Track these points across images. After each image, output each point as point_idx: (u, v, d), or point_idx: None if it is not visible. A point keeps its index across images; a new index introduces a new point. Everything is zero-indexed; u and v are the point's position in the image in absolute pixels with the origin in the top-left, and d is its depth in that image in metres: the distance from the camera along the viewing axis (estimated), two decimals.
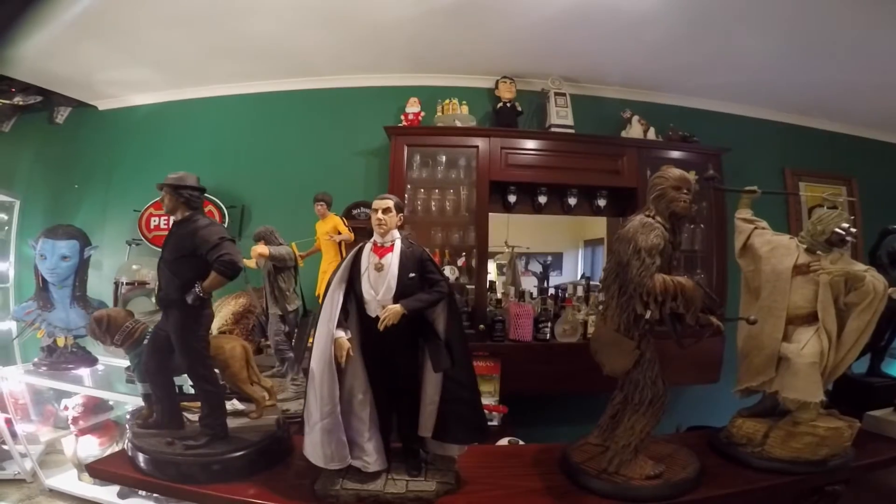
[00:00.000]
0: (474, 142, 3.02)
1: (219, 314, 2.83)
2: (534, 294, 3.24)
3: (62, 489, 2.64)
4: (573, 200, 3.24)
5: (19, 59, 2.93)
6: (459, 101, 3.28)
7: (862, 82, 3.11)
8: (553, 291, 3.25)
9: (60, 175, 3.66)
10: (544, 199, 3.18)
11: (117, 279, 3.03)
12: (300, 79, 3.47)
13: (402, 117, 3.24)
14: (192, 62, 3.24)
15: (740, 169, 3.29)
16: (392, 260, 1.43)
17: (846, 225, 1.60)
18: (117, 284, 3.01)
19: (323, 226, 2.84)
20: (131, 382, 2.31)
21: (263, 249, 2.36)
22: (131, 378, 2.24)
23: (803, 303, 1.60)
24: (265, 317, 2.52)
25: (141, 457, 1.47)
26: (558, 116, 3.20)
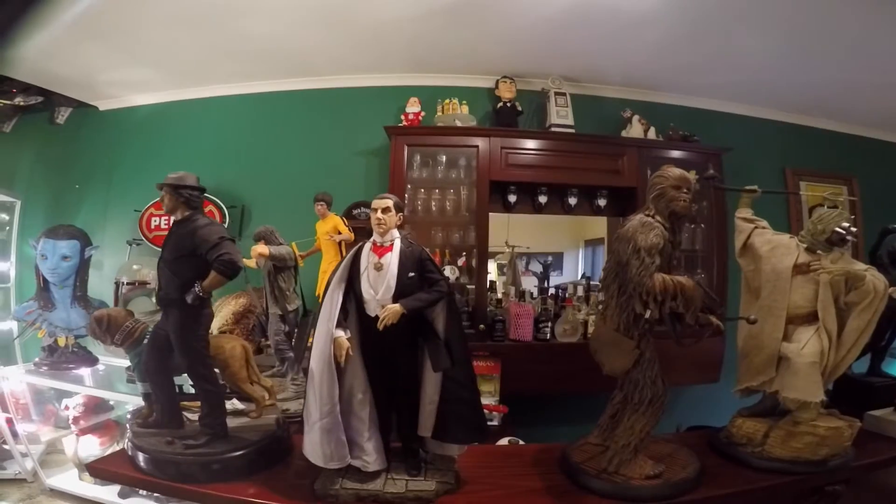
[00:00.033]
0: (474, 141, 3.02)
1: (219, 314, 2.83)
2: (534, 294, 3.23)
3: (63, 489, 2.65)
4: (573, 200, 3.23)
5: (20, 60, 2.94)
6: (459, 101, 3.28)
7: (862, 82, 3.11)
8: (553, 291, 3.25)
9: (61, 175, 3.67)
10: (544, 199, 3.17)
11: (118, 279, 3.03)
12: (300, 79, 3.47)
13: (403, 117, 3.23)
14: (193, 62, 3.24)
15: (741, 168, 3.29)
16: (391, 259, 1.43)
17: (846, 224, 1.59)
18: (118, 284, 3.01)
19: (323, 226, 2.84)
20: (132, 382, 2.31)
21: (263, 249, 2.36)
22: (132, 378, 2.24)
23: (803, 302, 1.60)
24: (265, 316, 2.52)
25: (141, 456, 1.47)
26: (558, 116, 3.19)
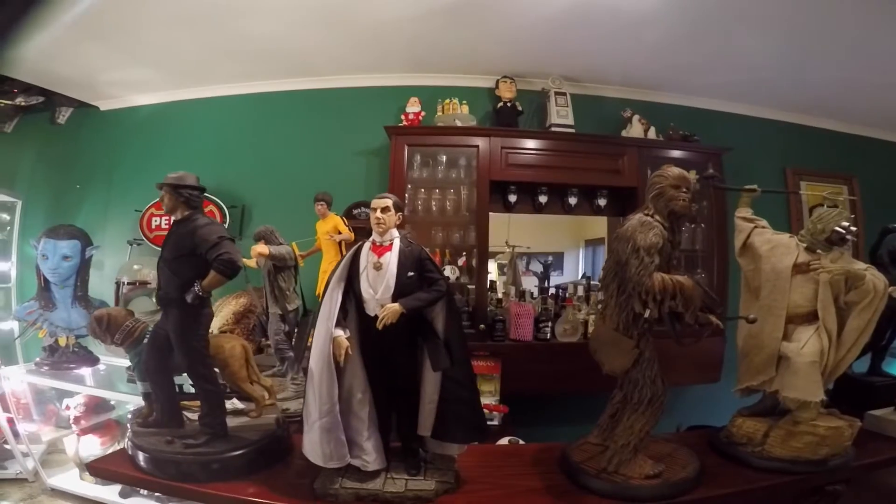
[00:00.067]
0: (475, 141, 3.02)
1: (219, 314, 2.84)
2: (534, 294, 3.23)
3: (64, 488, 2.65)
4: (574, 200, 3.23)
5: (21, 60, 2.94)
6: (460, 101, 3.28)
7: (862, 81, 3.10)
8: (553, 291, 3.25)
9: (62, 175, 3.67)
10: (545, 199, 3.17)
11: (119, 279, 3.04)
12: (300, 79, 3.47)
13: (403, 117, 3.23)
14: (193, 62, 3.25)
15: (741, 168, 3.28)
16: (391, 259, 1.43)
17: (846, 223, 1.60)
18: (119, 284, 3.02)
19: (323, 225, 2.84)
20: (132, 382, 2.31)
21: (263, 249, 2.36)
22: (132, 377, 2.24)
23: (803, 302, 1.60)
24: (265, 316, 2.52)
25: (141, 456, 1.47)
26: (559, 116, 3.19)
